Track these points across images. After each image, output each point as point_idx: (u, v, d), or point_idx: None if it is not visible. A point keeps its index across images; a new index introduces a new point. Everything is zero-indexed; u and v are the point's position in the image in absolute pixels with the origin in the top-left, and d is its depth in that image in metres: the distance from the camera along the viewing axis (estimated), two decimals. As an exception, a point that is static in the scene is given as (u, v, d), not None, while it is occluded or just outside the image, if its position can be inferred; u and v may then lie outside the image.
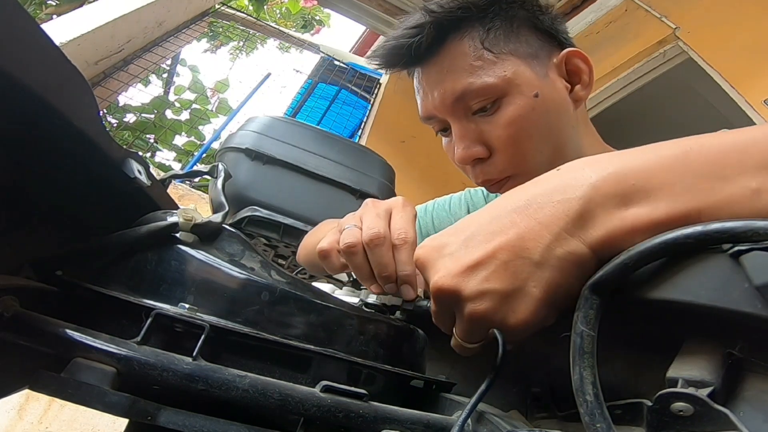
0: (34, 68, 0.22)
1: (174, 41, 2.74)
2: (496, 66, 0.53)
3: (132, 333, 0.24)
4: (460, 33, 0.54)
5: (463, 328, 0.30)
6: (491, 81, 0.52)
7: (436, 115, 0.57)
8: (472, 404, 0.28)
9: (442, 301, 0.30)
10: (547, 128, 0.54)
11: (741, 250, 0.20)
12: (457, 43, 0.54)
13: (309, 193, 0.95)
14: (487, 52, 0.53)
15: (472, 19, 0.54)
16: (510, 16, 0.55)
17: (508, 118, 0.52)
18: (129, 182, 0.30)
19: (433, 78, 0.55)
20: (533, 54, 0.55)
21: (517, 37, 0.55)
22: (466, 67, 0.53)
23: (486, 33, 0.53)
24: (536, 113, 0.53)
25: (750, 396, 0.23)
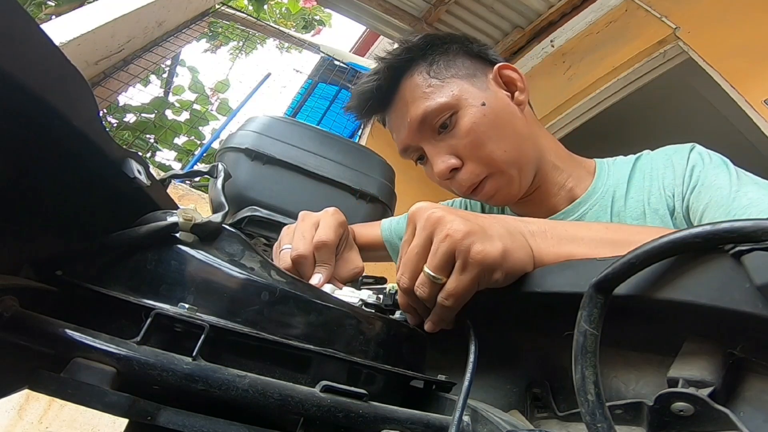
0: (34, 68, 0.21)
1: (174, 41, 2.74)
2: (444, 89, 0.64)
3: (132, 333, 0.24)
4: (410, 72, 0.66)
5: (435, 253, 0.36)
6: (443, 100, 0.63)
7: (410, 144, 0.67)
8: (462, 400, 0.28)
9: (430, 226, 0.37)
10: (500, 129, 0.64)
11: (742, 250, 0.20)
12: (410, 80, 0.66)
13: (309, 193, 0.95)
14: (435, 80, 0.65)
15: (417, 59, 0.67)
16: (446, 50, 0.68)
17: (467, 127, 0.62)
18: (129, 182, 0.30)
19: (399, 113, 0.67)
20: (472, 74, 0.67)
21: (455, 64, 0.67)
22: (421, 95, 0.64)
23: (430, 66, 0.66)
24: (487, 118, 0.63)
25: (750, 396, 0.23)
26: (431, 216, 0.37)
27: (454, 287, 0.36)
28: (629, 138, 3.26)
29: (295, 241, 0.50)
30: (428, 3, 2.60)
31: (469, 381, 0.31)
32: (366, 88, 0.68)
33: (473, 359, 0.34)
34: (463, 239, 0.35)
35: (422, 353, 0.39)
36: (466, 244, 0.35)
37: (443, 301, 0.36)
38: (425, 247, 0.37)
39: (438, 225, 0.36)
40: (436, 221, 0.37)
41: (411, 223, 0.39)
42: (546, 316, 0.37)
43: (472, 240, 0.35)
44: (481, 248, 0.35)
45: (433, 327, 0.39)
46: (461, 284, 0.36)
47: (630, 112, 2.72)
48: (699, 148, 0.67)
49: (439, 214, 0.37)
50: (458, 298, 0.36)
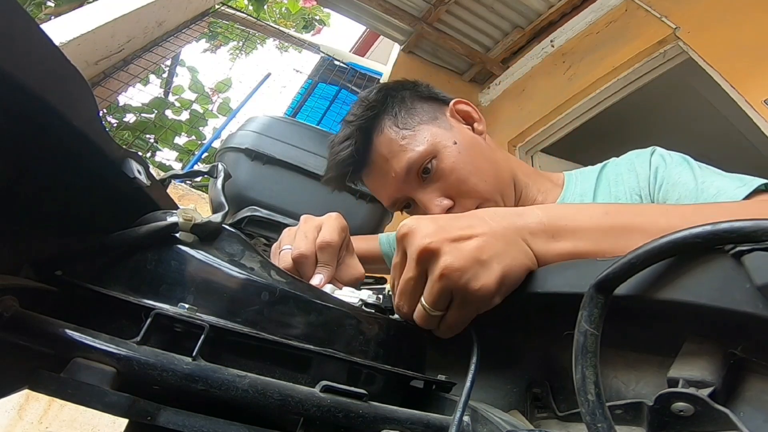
0: (34, 68, 0.21)
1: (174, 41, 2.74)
2: (417, 137, 0.67)
3: (132, 333, 0.24)
4: (378, 129, 0.69)
5: (432, 289, 0.35)
6: (422, 148, 0.66)
7: (398, 196, 0.70)
8: (463, 401, 0.28)
9: (423, 259, 0.35)
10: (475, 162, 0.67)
11: (742, 251, 0.20)
12: (381, 137, 0.68)
13: (309, 193, 0.95)
14: (406, 131, 0.67)
15: (380, 114, 0.69)
16: (402, 98, 0.71)
17: (448, 168, 0.66)
18: (129, 182, 0.30)
19: (380, 170, 0.69)
20: (433, 117, 0.70)
21: (415, 110, 0.70)
22: (399, 149, 0.67)
23: (395, 118, 0.68)
24: (462, 155, 0.67)
25: (750, 396, 0.23)
26: (423, 247, 0.35)
27: (453, 321, 0.36)
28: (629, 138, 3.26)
29: (297, 241, 0.50)
30: (428, 3, 2.60)
31: (471, 381, 0.31)
32: (343, 156, 0.68)
33: (475, 360, 0.34)
34: (459, 278, 0.33)
35: (422, 353, 0.39)
36: (463, 282, 0.33)
37: (444, 331, 0.37)
38: (420, 279, 0.36)
39: (432, 259, 0.35)
40: (429, 255, 0.35)
41: (401, 246, 0.38)
42: (546, 316, 0.37)
43: (468, 277, 0.33)
44: (479, 285, 0.33)
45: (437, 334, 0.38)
46: (461, 318, 0.35)
47: (630, 112, 2.72)
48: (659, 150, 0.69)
49: (432, 246, 0.34)
50: (458, 329, 0.36)
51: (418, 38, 2.82)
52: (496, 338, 0.40)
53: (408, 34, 2.85)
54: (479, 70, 2.99)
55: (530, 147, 2.70)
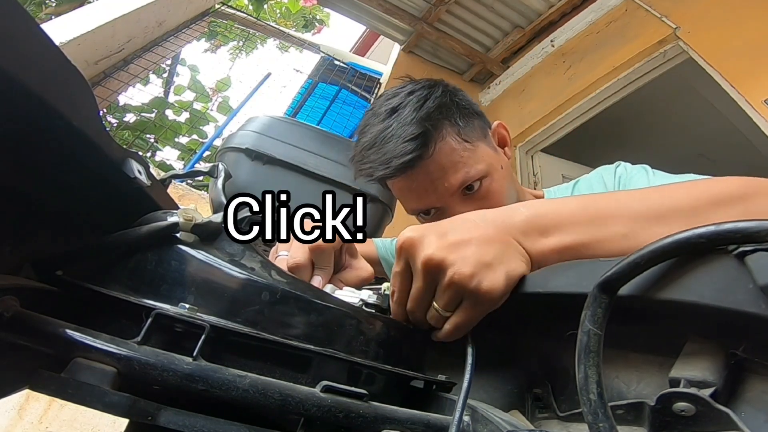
0: (34, 68, 0.21)
1: (174, 41, 2.74)
2: (476, 153, 0.66)
3: (132, 333, 0.24)
4: (440, 132, 0.65)
5: (443, 296, 0.36)
6: (481, 167, 0.66)
7: (435, 206, 0.68)
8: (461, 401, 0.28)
9: (429, 271, 0.36)
10: (511, 189, 0.71)
11: (746, 251, 0.20)
12: (443, 143, 0.65)
13: (309, 193, 0.95)
14: (467, 144, 0.66)
15: (443, 119, 0.66)
16: (459, 106, 0.68)
17: (495, 191, 0.67)
18: (129, 182, 0.30)
19: (433, 176, 0.65)
20: (484, 135, 0.70)
21: (473, 124, 0.69)
22: (459, 160, 0.65)
23: (457, 127, 0.66)
24: (506, 181, 0.69)
25: (751, 396, 0.23)
26: (428, 259, 0.35)
27: (463, 320, 0.36)
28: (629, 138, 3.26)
29: (293, 249, 0.49)
30: (428, 3, 2.60)
31: (468, 381, 0.31)
32: (412, 157, 0.62)
33: (471, 360, 0.34)
34: (469, 283, 0.34)
35: (422, 353, 0.39)
36: (473, 286, 0.34)
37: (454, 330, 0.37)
38: (430, 289, 0.37)
39: (438, 270, 0.35)
40: (435, 265, 0.35)
41: (402, 256, 0.38)
42: (548, 316, 0.37)
43: (478, 280, 0.34)
44: (489, 287, 0.34)
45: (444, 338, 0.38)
46: (470, 318, 0.36)
47: (630, 111, 2.72)
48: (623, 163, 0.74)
49: (436, 257, 0.35)
50: (467, 328, 0.37)
51: (418, 38, 2.82)
52: (497, 338, 0.40)
53: (408, 33, 2.85)
54: (479, 69, 2.99)
55: (530, 147, 2.70)
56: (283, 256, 0.50)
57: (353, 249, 0.55)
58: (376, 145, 0.65)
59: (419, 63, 2.95)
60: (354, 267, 0.54)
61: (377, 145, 0.65)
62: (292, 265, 0.47)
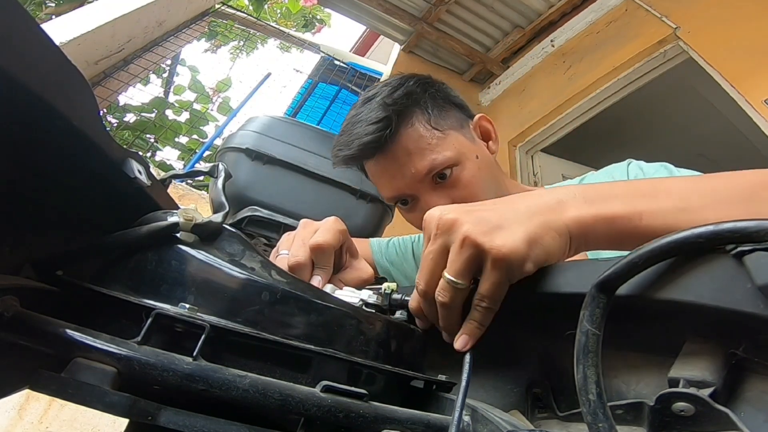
0: (34, 68, 0.21)
1: (174, 41, 2.74)
2: (446, 141, 0.66)
3: (132, 333, 0.24)
4: (409, 120, 0.66)
5: (455, 259, 0.34)
6: (450, 154, 0.65)
7: (406, 193, 0.68)
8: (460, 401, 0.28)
9: (443, 232, 0.35)
10: (489, 181, 0.68)
11: (744, 251, 0.20)
12: (411, 129, 0.66)
13: (309, 193, 0.95)
14: (437, 131, 0.66)
15: (413, 106, 0.67)
16: (435, 97, 0.69)
17: (466, 180, 0.66)
18: (129, 182, 0.30)
19: (397, 162, 0.66)
20: (461, 125, 0.69)
21: (447, 114, 0.69)
22: (426, 147, 0.65)
23: (428, 115, 0.66)
24: (481, 171, 0.67)
25: (751, 396, 0.23)
26: (443, 220, 0.35)
27: (487, 289, 0.34)
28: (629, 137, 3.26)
29: (294, 248, 0.49)
30: (428, 3, 2.60)
31: (466, 381, 0.31)
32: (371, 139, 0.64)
33: (469, 359, 0.34)
34: (481, 240, 0.33)
35: (422, 353, 0.39)
36: (486, 244, 0.33)
37: (479, 304, 0.35)
38: (442, 253, 0.35)
39: (451, 229, 0.35)
40: (449, 226, 0.35)
41: (425, 233, 0.38)
42: (547, 316, 0.37)
43: (490, 237, 0.33)
44: (501, 243, 0.32)
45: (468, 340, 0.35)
46: (494, 284, 0.34)
47: (630, 112, 2.72)
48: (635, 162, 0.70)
49: (451, 217, 0.35)
50: (494, 298, 0.34)
51: (418, 38, 2.82)
52: (497, 338, 0.40)
53: (408, 33, 2.85)
54: (479, 69, 2.99)
55: (530, 147, 2.70)
56: (284, 255, 0.50)
57: (354, 249, 0.55)
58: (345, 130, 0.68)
59: (419, 63, 2.95)
60: (354, 267, 0.54)
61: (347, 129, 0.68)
62: (293, 263, 0.47)
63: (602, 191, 0.37)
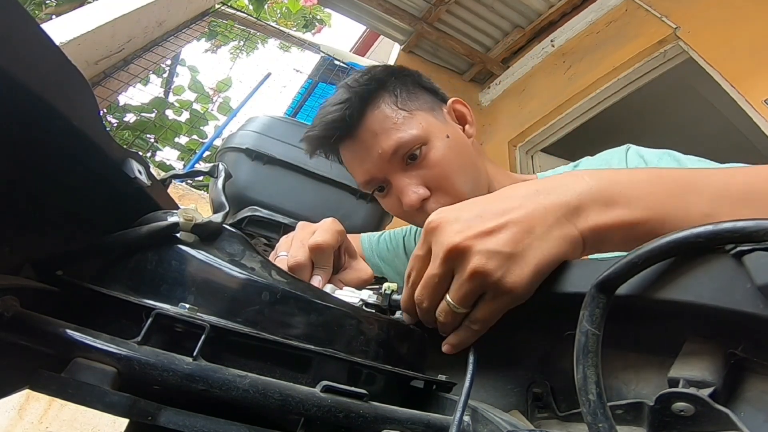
0: (34, 68, 0.21)
1: (174, 41, 2.74)
2: (413, 120, 0.65)
3: (132, 333, 0.24)
4: (375, 102, 0.66)
5: (460, 288, 0.33)
6: (416, 132, 0.64)
7: (376, 176, 0.67)
8: (462, 401, 0.28)
9: (450, 259, 0.33)
10: (462, 161, 0.67)
11: (743, 251, 0.20)
12: (377, 111, 0.66)
13: (309, 193, 0.95)
14: (403, 111, 0.65)
15: (379, 90, 0.67)
16: (404, 81, 0.69)
17: (435, 160, 0.64)
18: (129, 182, 0.30)
19: (364, 144, 0.66)
20: (431, 107, 0.69)
21: (416, 96, 0.68)
22: (392, 126, 0.64)
23: (396, 97, 0.66)
24: (452, 151, 0.66)
25: (751, 396, 0.23)
26: (452, 247, 0.33)
27: (483, 315, 0.34)
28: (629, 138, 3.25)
29: (293, 249, 0.49)
30: (428, 3, 2.60)
31: (470, 381, 0.31)
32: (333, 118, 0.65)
33: (473, 360, 0.34)
34: (491, 276, 0.31)
35: (422, 353, 0.39)
36: (496, 279, 0.31)
37: (472, 326, 0.35)
38: (446, 277, 0.34)
39: (460, 259, 0.33)
40: (457, 254, 0.33)
41: (426, 240, 0.36)
42: (547, 316, 0.37)
43: (502, 273, 0.31)
44: (512, 281, 0.31)
45: (452, 350, 0.36)
46: (491, 313, 0.34)
47: (630, 112, 2.72)
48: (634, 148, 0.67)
49: (461, 246, 0.32)
50: (486, 324, 0.34)
51: (418, 38, 2.82)
52: (497, 338, 0.40)
53: (408, 33, 2.85)
54: (479, 69, 2.99)
55: (530, 147, 2.70)
56: (283, 256, 0.50)
57: (352, 249, 0.55)
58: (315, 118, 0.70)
59: (419, 63, 2.95)
60: (354, 268, 0.54)
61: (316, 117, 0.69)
62: (292, 264, 0.47)
63: (624, 188, 0.33)
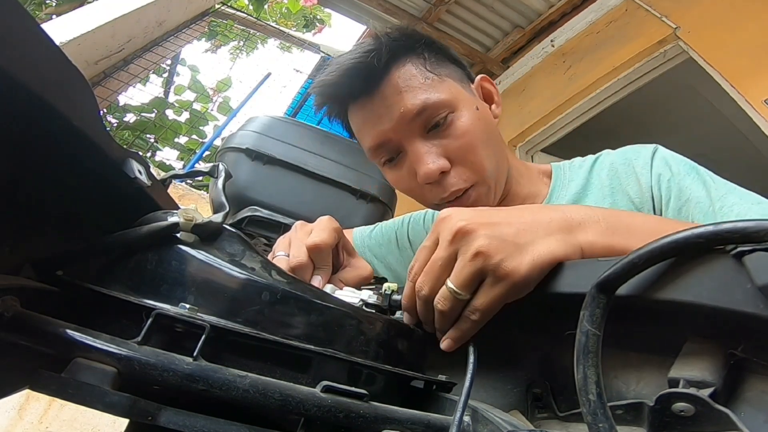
0: (34, 68, 0.21)
1: (174, 41, 2.74)
2: (442, 85, 0.60)
3: (132, 333, 0.24)
4: (402, 61, 0.60)
5: (462, 270, 0.34)
6: (444, 96, 0.58)
7: (392, 138, 0.60)
8: (462, 402, 0.28)
9: (456, 240, 0.34)
10: (489, 137, 0.61)
11: (743, 251, 0.20)
12: (403, 68, 0.59)
13: (309, 193, 0.95)
14: (432, 74, 0.60)
15: (408, 50, 0.61)
16: (433, 49, 0.64)
17: (462, 129, 0.58)
18: (129, 182, 0.30)
19: (389, 100, 0.58)
20: (461, 79, 0.64)
21: (447, 65, 0.64)
22: (419, 86, 0.58)
23: (425, 60, 0.61)
24: (481, 123, 0.60)
25: (751, 396, 0.23)
26: (458, 229, 0.34)
27: (482, 303, 0.34)
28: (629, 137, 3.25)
29: (293, 250, 0.49)
30: (428, 3, 2.60)
31: (470, 381, 0.31)
32: (358, 64, 0.57)
33: (473, 360, 0.34)
34: (493, 258, 0.33)
35: (422, 353, 0.39)
36: (496, 262, 0.33)
37: (469, 315, 0.35)
38: (450, 260, 0.35)
39: (465, 239, 0.34)
40: (463, 235, 0.34)
41: (435, 231, 0.37)
42: (547, 316, 0.37)
43: (502, 257, 0.33)
44: (513, 266, 0.32)
45: (453, 345, 0.36)
46: (491, 300, 0.34)
47: (630, 112, 2.72)
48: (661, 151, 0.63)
49: (467, 227, 0.34)
50: (486, 313, 0.35)
51: (418, 38, 2.82)
52: (497, 338, 0.40)
53: (405, 31, 2.85)
54: (479, 70, 2.99)
55: (530, 147, 2.70)
56: (281, 256, 0.50)
57: (350, 247, 0.55)
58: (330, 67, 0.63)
59: (419, 63, 2.95)
60: (353, 266, 0.54)
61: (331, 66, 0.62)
62: (295, 265, 0.47)
63: (630, 224, 0.37)
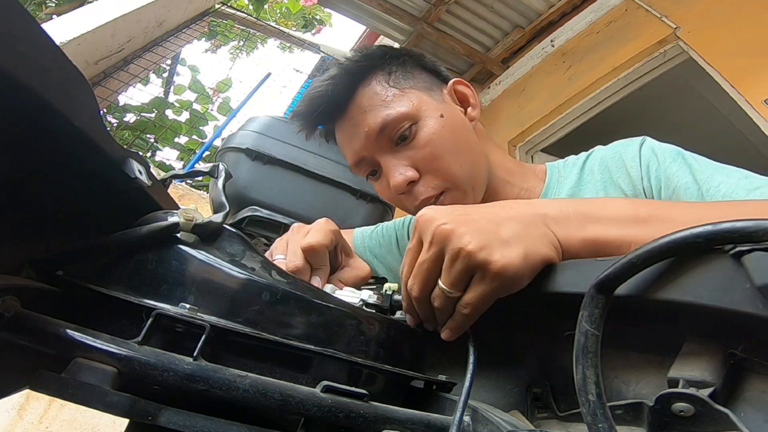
0: (34, 68, 0.21)
1: (174, 41, 2.74)
2: (404, 98, 0.62)
3: (133, 333, 0.24)
4: (367, 80, 0.64)
5: (449, 270, 0.35)
6: (404, 110, 0.61)
7: (365, 156, 0.64)
8: (462, 401, 0.28)
9: (439, 242, 0.35)
10: (457, 143, 0.63)
11: (742, 251, 0.20)
12: (367, 88, 0.63)
13: (309, 193, 0.95)
14: (394, 89, 0.63)
15: (374, 68, 0.65)
16: (403, 62, 0.67)
17: (426, 138, 0.61)
18: (129, 182, 0.30)
19: (353, 122, 0.63)
20: (428, 87, 0.66)
21: (412, 76, 0.66)
22: (380, 103, 0.62)
23: (389, 75, 0.64)
24: (446, 130, 0.62)
25: (751, 396, 0.23)
26: (440, 230, 0.35)
27: (472, 298, 0.35)
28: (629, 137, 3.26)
29: (290, 253, 0.49)
30: (428, 3, 2.60)
31: (470, 381, 0.31)
32: (320, 92, 0.63)
33: (473, 360, 0.34)
34: (477, 254, 0.33)
35: (422, 353, 0.39)
36: (482, 258, 0.33)
37: (462, 310, 0.36)
38: (436, 261, 0.36)
39: (449, 240, 0.34)
40: (445, 236, 0.35)
41: (417, 232, 0.38)
42: (546, 316, 0.37)
43: (487, 252, 0.33)
44: (499, 259, 0.33)
45: (451, 335, 0.37)
46: (481, 295, 0.34)
47: (630, 112, 2.71)
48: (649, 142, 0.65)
49: (448, 228, 0.35)
50: (476, 307, 0.35)
51: (418, 38, 2.82)
52: (497, 338, 0.40)
53: (408, 33, 2.85)
54: (479, 69, 2.99)
55: (530, 147, 2.70)
56: (279, 259, 0.50)
57: (348, 248, 0.55)
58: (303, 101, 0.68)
59: (419, 63, 2.95)
60: (351, 266, 0.54)
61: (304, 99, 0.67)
62: (292, 269, 0.47)
63: (598, 211, 0.38)
